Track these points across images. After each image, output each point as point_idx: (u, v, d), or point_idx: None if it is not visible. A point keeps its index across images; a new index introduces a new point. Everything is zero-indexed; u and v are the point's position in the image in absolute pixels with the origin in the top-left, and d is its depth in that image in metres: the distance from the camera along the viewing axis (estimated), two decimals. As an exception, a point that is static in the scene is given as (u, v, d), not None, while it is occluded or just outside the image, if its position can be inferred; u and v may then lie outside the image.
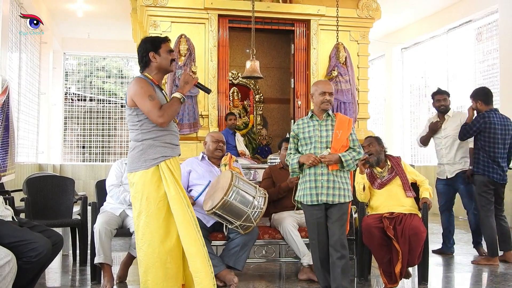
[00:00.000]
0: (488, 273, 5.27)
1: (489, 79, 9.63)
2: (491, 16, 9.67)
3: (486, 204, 5.60)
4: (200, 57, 7.95)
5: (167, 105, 3.51)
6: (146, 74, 3.62)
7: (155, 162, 3.48)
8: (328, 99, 4.10)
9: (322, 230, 4.03)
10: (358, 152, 4.07)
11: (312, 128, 4.10)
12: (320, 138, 4.05)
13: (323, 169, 3.98)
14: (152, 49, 3.60)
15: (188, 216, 3.48)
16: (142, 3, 7.81)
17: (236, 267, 4.46)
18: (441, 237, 6.32)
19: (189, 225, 3.47)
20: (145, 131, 3.53)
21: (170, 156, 3.54)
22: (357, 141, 4.11)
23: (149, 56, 3.60)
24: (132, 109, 3.53)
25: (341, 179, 4.00)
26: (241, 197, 4.27)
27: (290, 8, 8.30)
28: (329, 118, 4.11)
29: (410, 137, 12.65)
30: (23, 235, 3.55)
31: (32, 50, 11.23)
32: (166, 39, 3.69)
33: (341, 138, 4.03)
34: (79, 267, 5.44)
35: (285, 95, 9.58)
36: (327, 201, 3.95)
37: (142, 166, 3.49)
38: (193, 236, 3.47)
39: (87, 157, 14.06)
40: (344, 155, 3.96)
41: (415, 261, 4.42)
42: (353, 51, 8.45)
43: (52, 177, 6.45)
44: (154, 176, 3.48)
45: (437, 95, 6.30)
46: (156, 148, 3.51)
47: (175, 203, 3.47)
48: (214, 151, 4.92)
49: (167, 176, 3.48)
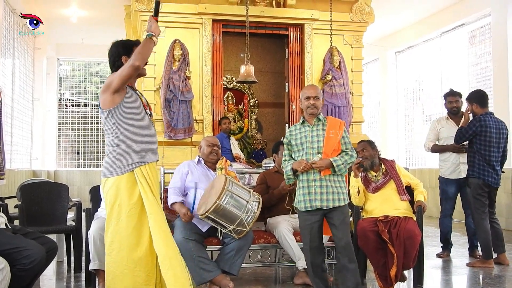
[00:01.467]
0: (483, 275, 5.27)
1: (483, 82, 9.67)
2: (483, 20, 9.71)
3: (481, 207, 5.61)
4: (194, 62, 7.96)
5: (138, 47, 3.44)
6: None
7: (129, 168, 3.43)
8: (313, 103, 4.09)
9: (314, 236, 4.03)
10: (351, 155, 4.06)
11: (304, 134, 4.12)
12: (312, 144, 4.05)
13: (315, 175, 3.99)
14: (124, 52, 3.55)
15: (165, 221, 3.46)
16: (136, 8, 7.82)
17: (232, 272, 4.44)
18: (437, 240, 6.32)
19: (167, 230, 3.45)
20: (119, 135, 3.47)
21: (145, 162, 3.48)
22: (349, 144, 4.10)
23: (122, 60, 3.53)
24: (106, 112, 3.48)
25: (335, 183, 4.00)
26: (234, 201, 4.26)
27: (284, 13, 8.31)
28: (320, 122, 4.11)
29: (405, 140, 12.68)
30: (16, 242, 3.51)
31: (26, 56, 11.20)
32: (137, 43, 3.62)
33: (333, 139, 4.01)
34: (73, 274, 5.41)
35: (280, 99, 9.59)
36: (321, 206, 3.96)
37: (115, 172, 3.44)
38: (170, 240, 3.45)
39: (82, 163, 14.01)
40: (335, 160, 3.96)
41: (410, 264, 4.42)
42: (347, 55, 8.47)
43: (46, 184, 6.44)
44: (128, 182, 3.42)
45: (450, 96, 6.30)
46: (130, 154, 3.44)
47: (153, 208, 3.42)
48: (209, 155, 4.91)
49: (142, 181, 3.42)
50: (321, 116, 4.14)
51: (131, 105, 3.49)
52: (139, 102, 3.54)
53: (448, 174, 6.22)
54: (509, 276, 5.21)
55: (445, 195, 6.25)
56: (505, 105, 8.65)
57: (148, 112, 3.64)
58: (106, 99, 3.45)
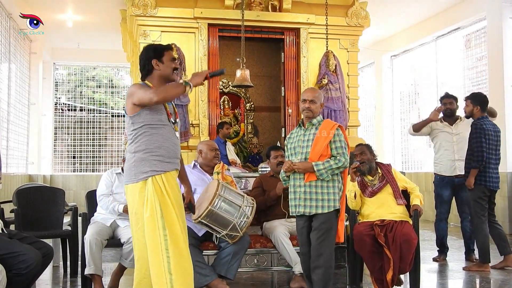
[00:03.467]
0: (480, 280, 5.28)
1: (478, 85, 9.69)
2: (479, 24, 9.74)
3: (481, 211, 5.61)
4: (190, 66, 7.94)
5: (170, 84, 3.43)
6: (147, 82, 3.52)
7: (144, 176, 3.37)
8: (308, 106, 4.08)
9: (304, 240, 4.07)
10: (338, 160, 3.94)
11: (298, 137, 4.13)
12: (301, 149, 4.05)
13: (300, 181, 4.00)
14: (155, 56, 3.51)
15: (158, 242, 3.29)
16: (132, 13, 7.81)
17: (228, 276, 4.43)
18: (433, 244, 6.33)
19: (157, 251, 3.30)
20: (138, 142, 3.42)
21: (162, 171, 3.39)
22: (341, 149, 4.00)
23: (152, 64, 3.50)
24: (130, 117, 3.44)
25: (322, 189, 3.96)
26: (227, 206, 4.26)
27: (279, 17, 8.32)
28: (313, 126, 4.09)
29: (401, 144, 12.69)
30: (12, 247, 3.53)
31: (22, 60, 11.18)
32: (169, 47, 3.61)
33: (321, 141, 3.98)
34: (69, 279, 5.42)
35: (276, 103, 9.58)
36: (304, 212, 3.99)
37: (132, 180, 3.41)
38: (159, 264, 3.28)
39: (78, 167, 13.98)
40: (317, 164, 3.91)
41: (406, 268, 4.42)
42: (343, 59, 8.47)
43: (42, 188, 6.44)
44: (142, 191, 3.37)
45: (445, 98, 6.36)
46: (146, 162, 3.39)
47: (148, 227, 3.32)
48: (213, 159, 4.91)
49: (149, 194, 3.33)
50: (316, 120, 4.11)
51: (152, 113, 3.41)
52: (161, 110, 3.46)
53: (443, 171, 6.25)
54: (506, 280, 5.22)
55: (440, 198, 6.27)
56: (501, 109, 8.66)
57: (172, 121, 3.54)
58: (128, 106, 3.43)
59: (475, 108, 5.75)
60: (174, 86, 3.39)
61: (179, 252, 3.32)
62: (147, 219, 3.32)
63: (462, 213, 6.19)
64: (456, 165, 6.14)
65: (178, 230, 3.35)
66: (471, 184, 5.61)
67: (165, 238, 3.29)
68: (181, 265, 3.30)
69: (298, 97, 8.20)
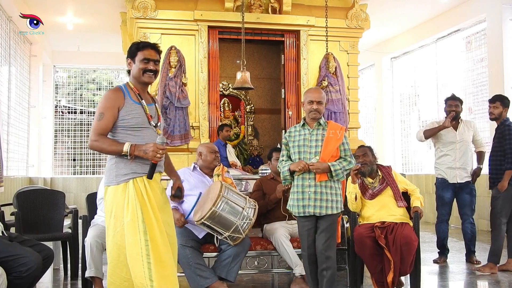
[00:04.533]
0: (482, 281, 5.27)
1: (479, 87, 9.69)
2: (479, 25, 9.74)
3: (506, 212, 5.58)
4: (191, 69, 7.96)
5: (108, 140, 3.22)
6: (129, 82, 3.40)
7: (124, 179, 3.22)
8: (316, 108, 4.08)
9: (310, 241, 4.05)
10: (349, 161, 4.04)
11: (303, 137, 4.11)
12: (310, 148, 4.05)
13: (310, 181, 3.99)
14: (129, 55, 3.37)
15: (138, 248, 3.15)
16: (132, 15, 7.82)
17: (228, 279, 4.42)
18: (433, 246, 6.31)
19: (138, 256, 3.14)
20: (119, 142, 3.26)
21: (143, 173, 3.25)
22: (349, 151, 4.09)
23: (128, 63, 3.39)
24: None
25: (330, 190, 4.00)
26: (230, 208, 4.25)
27: (279, 19, 8.32)
28: (320, 127, 4.11)
29: (401, 146, 12.68)
30: (13, 250, 3.53)
31: (22, 63, 11.17)
32: (146, 45, 3.38)
33: (333, 141, 3.99)
34: (70, 281, 5.40)
35: (276, 105, 9.59)
36: (314, 213, 3.98)
37: (112, 181, 3.26)
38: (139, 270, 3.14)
39: (78, 170, 13.97)
40: (333, 165, 3.96)
41: (407, 270, 4.41)
42: (343, 61, 8.47)
43: (42, 191, 6.40)
44: (123, 193, 3.22)
45: (450, 100, 6.30)
46: (127, 164, 3.23)
47: (128, 231, 3.17)
48: (213, 161, 4.90)
49: (130, 197, 3.19)
50: (322, 121, 4.14)
51: (128, 117, 3.26)
52: (140, 113, 3.29)
53: (444, 175, 6.22)
54: (506, 282, 5.21)
55: (441, 200, 6.26)
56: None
57: (153, 124, 3.35)
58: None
59: (504, 110, 5.78)
60: (111, 145, 3.20)
61: (159, 258, 3.16)
62: (127, 224, 3.17)
63: (463, 215, 6.17)
64: (457, 173, 6.13)
65: (156, 235, 3.19)
66: (504, 187, 5.55)
67: (146, 243, 3.14)
68: (161, 272, 3.15)
69: (298, 99, 8.20)
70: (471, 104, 9.83)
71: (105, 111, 3.22)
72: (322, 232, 3.97)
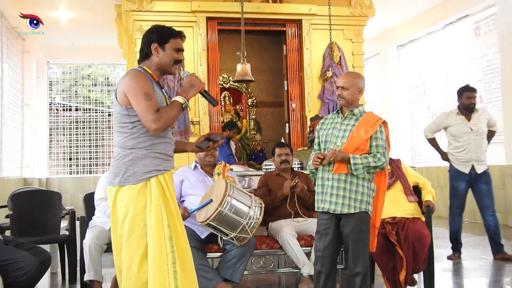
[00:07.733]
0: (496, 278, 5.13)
1: (490, 74, 9.52)
2: (488, 10, 9.55)
3: None
4: (189, 62, 7.88)
5: (165, 109, 2.91)
6: (145, 67, 3.04)
7: (146, 177, 2.91)
8: (339, 93, 3.75)
9: (327, 243, 3.68)
10: (378, 158, 3.60)
11: (333, 125, 3.78)
12: (336, 138, 3.69)
13: (329, 173, 3.63)
14: (157, 40, 3.02)
15: (164, 254, 2.89)
16: (127, 8, 7.84)
17: (233, 280, 4.29)
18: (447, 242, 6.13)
19: (163, 264, 2.89)
20: (137, 136, 2.93)
21: (164, 170, 2.97)
22: (382, 148, 3.65)
23: (151, 47, 3.02)
24: (124, 108, 2.92)
25: (351, 186, 3.59)
26: (236, 207, 4.09)
27: (280, 8, 8.29)
28: (354, 117, 3.74)
29: (410, 137, 12.44)
30: (8, 254, 3.56)
31: (15, 60, 11.07)
32: (178, 34, 3.08)
33: (357, 138, 3.64)
34: (68, 285, 5.32)
35: (279, 98, 9.53)
36: (329, 209, 3.63)
37: (129, 180, 2.91)
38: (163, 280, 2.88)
39: (74, 169, 13.84)
40: (354, 157, 3.55)
41: (420, 267, 4.29)
42: (347, 50, 8.45)
43: (38, 192, 6.35)
44: (141, 193, 2.90)
45: (467, 91, 5.98)
46: (149, 160, 2.93)
47: (152, 234, 2.89)
48: (205, 157, 4.76)
49: (153, 198, 2.91)
50: (357, 110, 3.76)
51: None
52: (162, 103, 3.00)
53: (457, 164, 5.99)
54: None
55: (455, 191, 6.04)
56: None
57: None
58: (122, 96, 2.95)
59: None
60: (171, 109, 2.93)
61: (184, 266, 2.95)
62: (151, 226, 2.89)
63: (483, 208, 5.92)
64: (474, 165, 5.90)
65: (181, 240, 2.98)
66: None
67: (172, 249, 2.90)
68: (186, 281, 2.93)
69: (301, 91, 8.21)
70: (482, 92, 9.61)
71: (148, 90, 2.89)
72: (347, 237, 3.62)
